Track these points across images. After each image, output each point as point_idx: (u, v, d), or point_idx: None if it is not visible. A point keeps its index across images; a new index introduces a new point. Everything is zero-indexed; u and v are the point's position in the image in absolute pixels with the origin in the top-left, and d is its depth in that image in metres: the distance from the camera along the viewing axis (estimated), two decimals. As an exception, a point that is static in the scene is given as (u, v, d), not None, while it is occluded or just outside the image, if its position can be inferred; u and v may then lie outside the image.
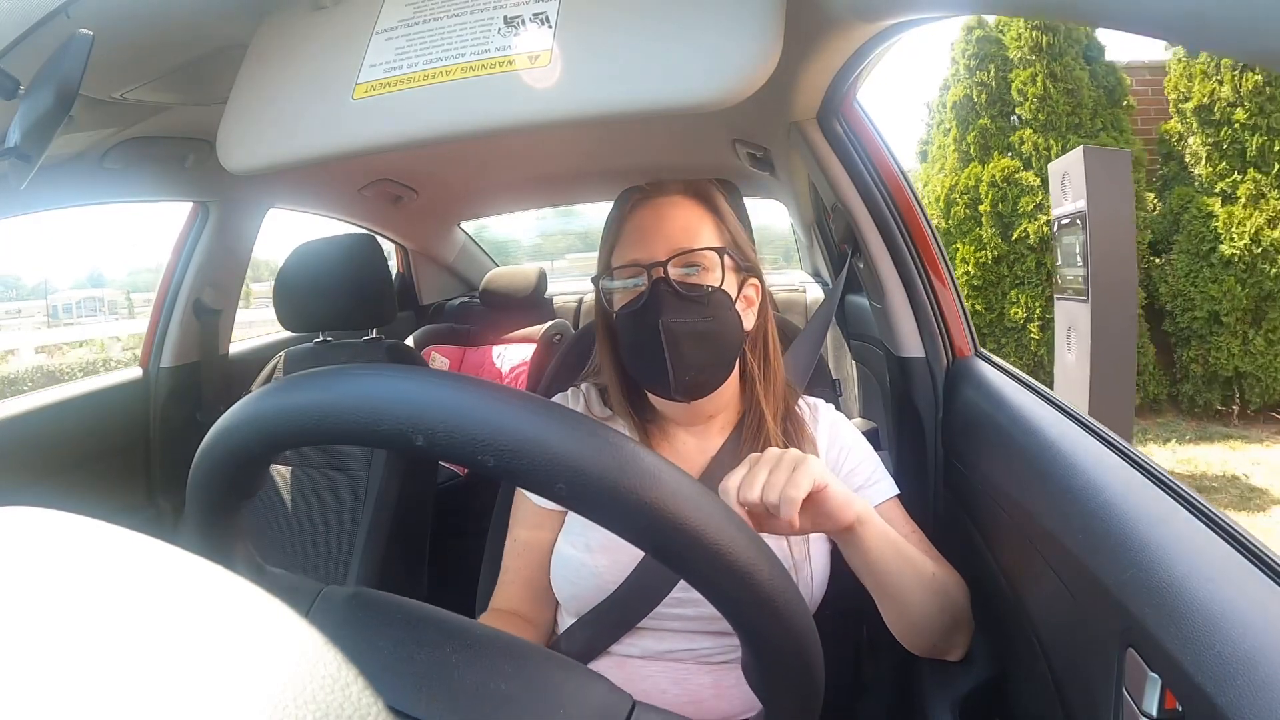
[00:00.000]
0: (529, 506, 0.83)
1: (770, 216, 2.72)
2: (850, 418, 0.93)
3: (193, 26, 0.78)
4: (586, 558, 0.76)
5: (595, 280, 0.82)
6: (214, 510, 0.44)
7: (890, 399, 1.17)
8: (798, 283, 2.73)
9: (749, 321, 0.80)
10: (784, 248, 3.36)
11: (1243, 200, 3.98)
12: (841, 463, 0.81)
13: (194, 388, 1.63)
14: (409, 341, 2.18)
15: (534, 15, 0.62)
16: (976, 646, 0.76)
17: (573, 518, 0.80)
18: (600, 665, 0.75)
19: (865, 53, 0.82)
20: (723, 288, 0.76)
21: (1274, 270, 3.84)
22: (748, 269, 0.80)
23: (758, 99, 0.60)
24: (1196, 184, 4.21)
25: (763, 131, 1.39)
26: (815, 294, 2.63)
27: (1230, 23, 0.30)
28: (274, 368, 1.46)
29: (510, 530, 0.84)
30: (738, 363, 0.81)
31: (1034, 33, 4.20)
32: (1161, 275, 4.19)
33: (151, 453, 1.57)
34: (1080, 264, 3.20)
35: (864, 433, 1.39)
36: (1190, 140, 4.25)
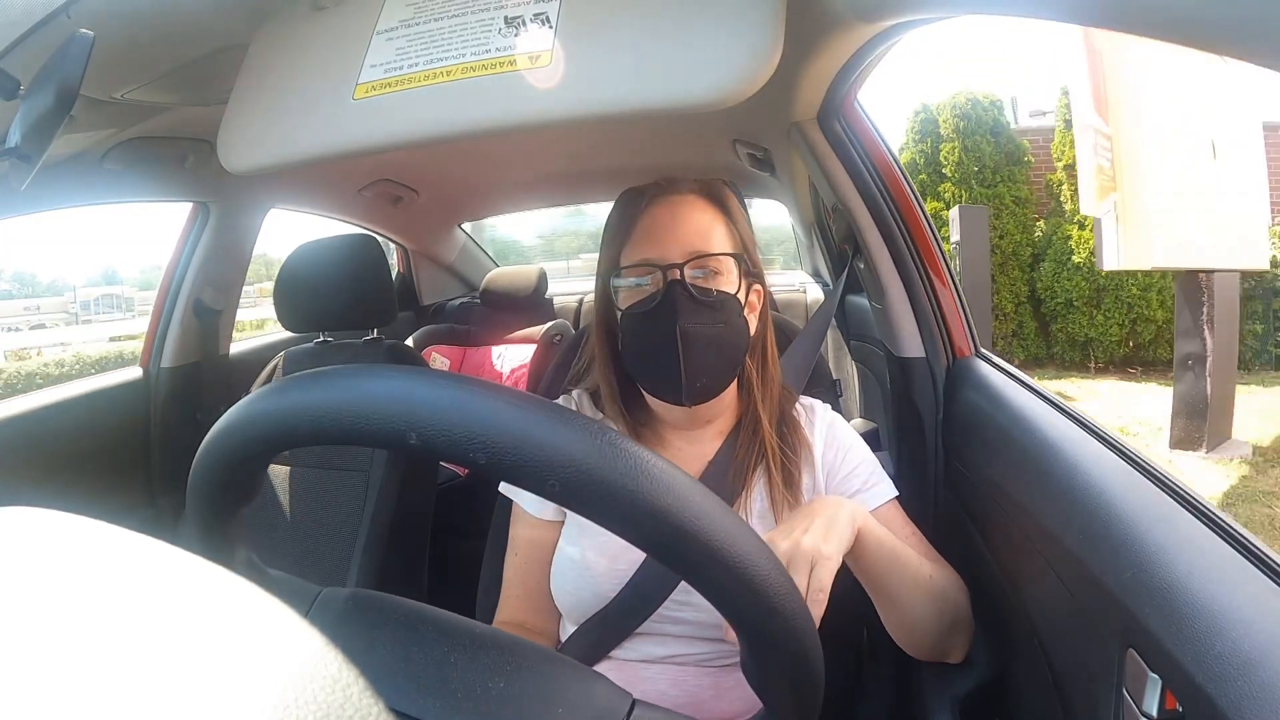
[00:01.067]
0: (526, 516, 0.82)
1: (778, 217, 2.73)
2: (850, 418, 0.93)
3: (193, 27, 0.78)
4: (584, 565, 0.76)
5: (605, 277, 0.80)
6: (214, 513, 0.44)
7: (890, 399, 1.17)
8: (798, 283, 2.73)
9: (752, 326, 0.80)
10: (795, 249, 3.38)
11: (1089, 227, 5.84)
12: (839, 465, 0.81)
13: (194, 388, 1.63)
14: (409, 342, 2.18)
15: (535, 15, 0.62)
16: (976, 647, 0.76)
17: (570, 525, 0.80)
18: (600, 668, 0.75)
19: (866, 53, 0.82)
20: (735, 294, 0.76)
21: (1104, 272, 5.62)
22: (754, 275, 0.80)
23: (758, 99, 0.60)
24: (1065, 216, 6.28)
25: (763, 132, 1.39)
26: (815, 294, 2.63)
27: (1228, 22, 0.30)
28: (274, 368, 1.46)
29: (510, 541, 0.84)
30: None
31: (954, 119, 6.38)
32: (1039, 276, 6.33)
33: (152, 453, 1.57)
34: (959, 271, 4.77)
35: (864, 433, 1.38)
36: (1063, 186, 6.33)
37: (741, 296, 0.77)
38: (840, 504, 0.66)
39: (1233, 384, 4.18)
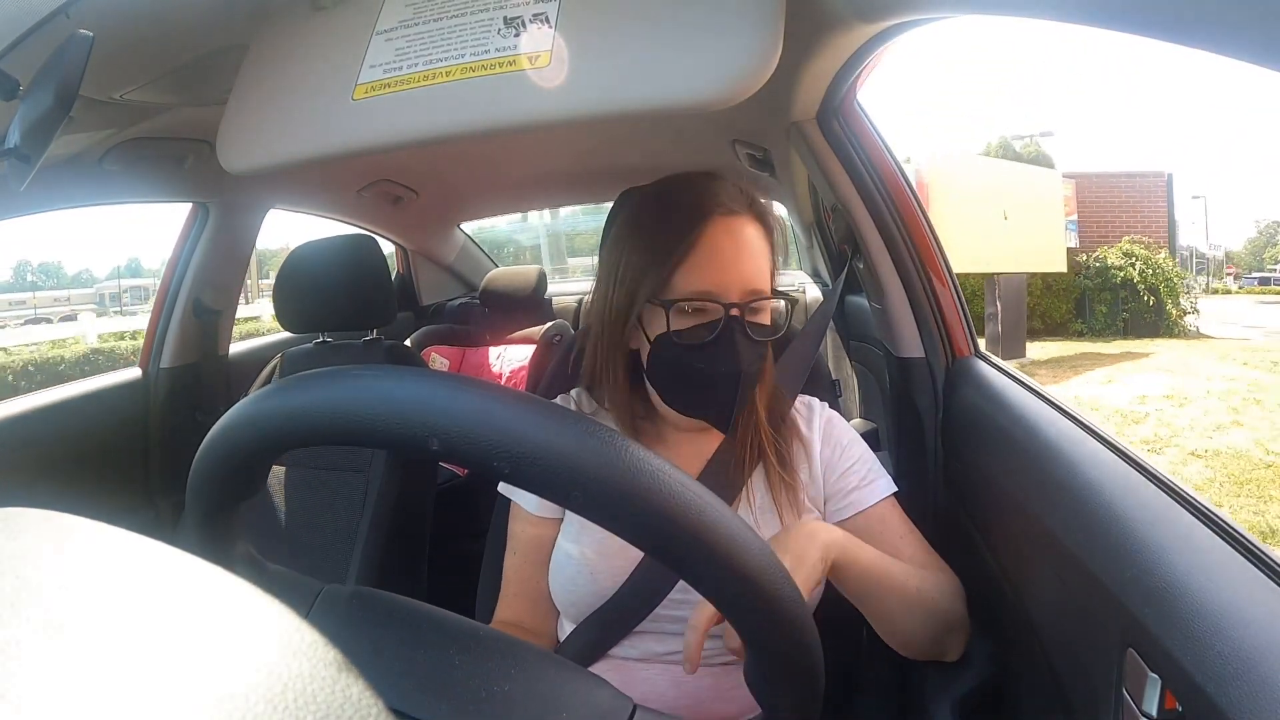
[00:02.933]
0: (525, 514, 0.82)
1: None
2: (850, 418, 0.92)
3: (193, 27, 0.78)
4: (583, 563, 0.76)
5: (648, 290, 0.73)
6: (214, 510, 0.44)
7: (890, 399, 1.17)
8: (797, 284, 2.73)
9: None
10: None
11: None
12: (836, 462, 0.81)
13: (193, 388, 1.63)
14: (408, 342, 2.18)
15: (534, 15, 0.62)
16: (976, 647, 0.76)
17: (569, 522, 0.80)
18: (599, 668, 0.75)
19: (865, 53, 0.82)
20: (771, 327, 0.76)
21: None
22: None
23: (757, 99, 0.60)
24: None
25: (762, 132, 1.38)
26: (814, 294, 2.62)
27: (1228, 22, 0.30)
28: (273, 369, 1.46)
29: (509, 539, 0.84)
30: None
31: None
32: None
33: (151, 454, 1.57)
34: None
35: (863, 433, 1.37)
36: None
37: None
38: (812, 537, 0.65)
39: (1022, 328, 8.57)
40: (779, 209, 2.30)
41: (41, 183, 1.09)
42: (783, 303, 0.77)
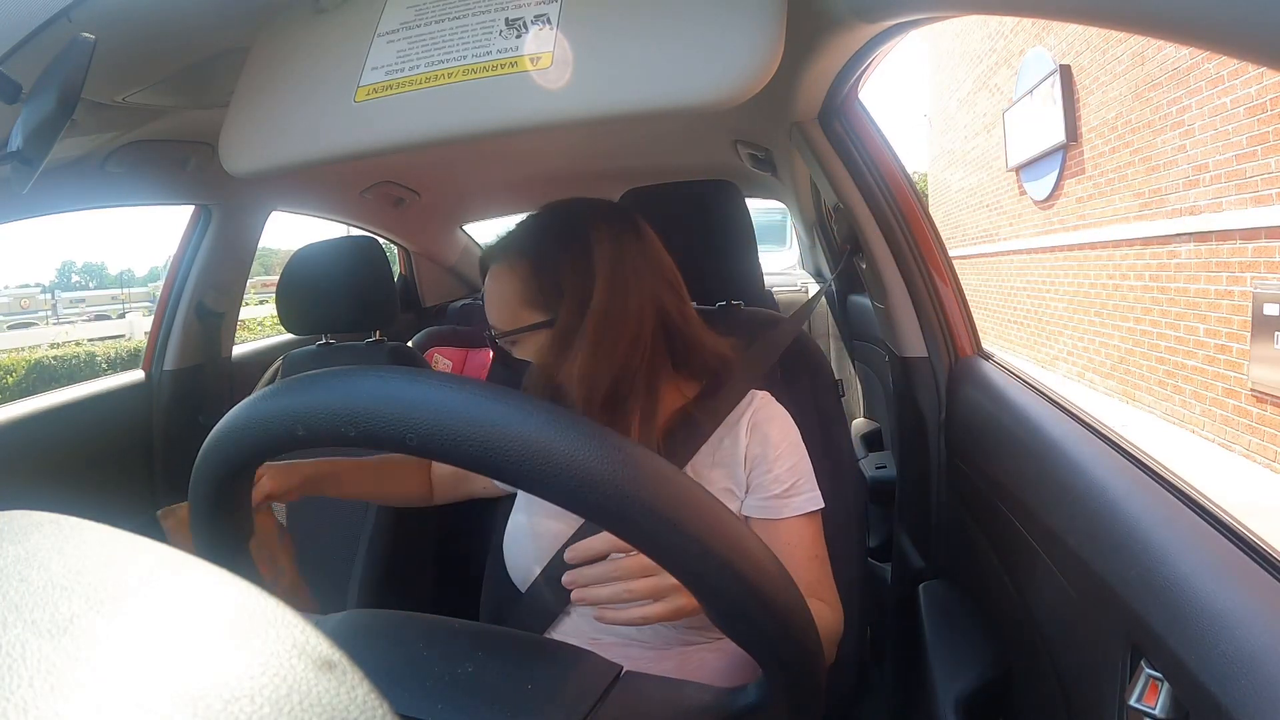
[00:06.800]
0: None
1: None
2: (853, 418, 0.92)
3: (195, 30, 0.78)
4: (533, 533, 0.81)
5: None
6: (215, 512, 0.44)
7: (893, 399, 1.17)
8: (799, 283, 2.73)
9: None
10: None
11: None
12: (761, 459, 0.78)
13: (197, 390, 1.63)
14: (410, 344, 2.18)
15: (536, 17, 0.62)
16: (981, 646, 0.76)
17: (519, 495, 0.85)
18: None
19: (866, 53, 0.82)
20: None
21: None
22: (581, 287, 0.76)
23: (759, 100, 0.60)
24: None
25: (764, 132, 1.39)
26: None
27: (1228, 22, 0.30)
28: (275, 370, 1.47)
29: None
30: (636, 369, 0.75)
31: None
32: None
33: (154, 456, 1.57)
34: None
35: (866, 433, 1.37)
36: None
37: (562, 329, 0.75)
38: None
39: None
40: (778, 205, 2.30)
41: (44, 186, 1.09)
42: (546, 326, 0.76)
